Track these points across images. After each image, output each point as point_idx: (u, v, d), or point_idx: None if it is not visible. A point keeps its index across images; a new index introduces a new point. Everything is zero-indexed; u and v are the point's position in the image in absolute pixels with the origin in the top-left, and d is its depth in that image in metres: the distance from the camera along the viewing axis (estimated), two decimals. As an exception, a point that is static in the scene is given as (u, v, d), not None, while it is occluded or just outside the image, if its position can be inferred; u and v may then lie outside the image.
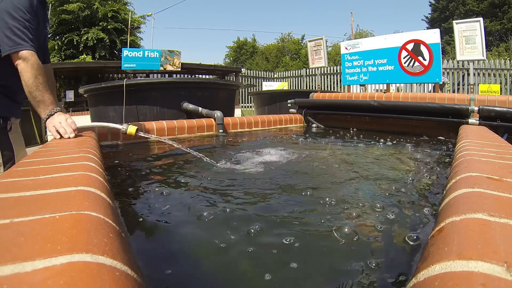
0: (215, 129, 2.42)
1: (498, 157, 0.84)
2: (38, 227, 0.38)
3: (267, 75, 13.30)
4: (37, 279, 0.28)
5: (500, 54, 16.38)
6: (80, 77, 10.56)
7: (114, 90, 2.98)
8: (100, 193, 0.55)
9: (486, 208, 0.43)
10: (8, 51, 1.19)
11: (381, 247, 0.63)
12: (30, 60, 1.20)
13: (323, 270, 0.56)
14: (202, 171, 1.24)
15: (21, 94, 1.37)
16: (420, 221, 0.75)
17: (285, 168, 1.31)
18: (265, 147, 1.75)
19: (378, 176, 1.19)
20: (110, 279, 0.30)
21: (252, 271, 0.56)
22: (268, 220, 0.76)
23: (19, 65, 1.20)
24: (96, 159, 0.85)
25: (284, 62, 23.29)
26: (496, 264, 0.30)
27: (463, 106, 2.13)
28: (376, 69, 3.87)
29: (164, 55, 6.62)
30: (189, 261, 0.60)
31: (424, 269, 0.35)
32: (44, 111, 1.24)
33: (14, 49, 1.19)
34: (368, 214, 0.80)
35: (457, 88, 9.60)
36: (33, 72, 1.19)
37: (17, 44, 1.19)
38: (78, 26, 11.87)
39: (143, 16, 14.01)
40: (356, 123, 2.87)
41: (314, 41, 5.59)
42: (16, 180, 0.60)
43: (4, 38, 1.19)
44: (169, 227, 0.75)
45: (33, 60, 1.21)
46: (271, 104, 5.82)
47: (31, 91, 1.21)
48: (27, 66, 1.19)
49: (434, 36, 3.38)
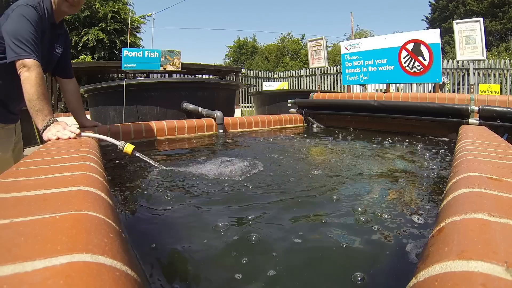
0: (215, 129, 2.42)
1: (498, 157, 0.84)
2: (38, 227, 0.38)
3: (267, 75, 13.29)
4: (37, 279, 0.28)
5: (500, 54, 16.38)
6: (80, 77, 10.55)
7: (114, 90, 2.98)
8: (100, 193, 0.55)
9: (486, 208, 0.43)
10: (14, 58, 1.22)
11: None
12: (34, 70, 1.23)
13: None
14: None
15: (15, 104, 1.43)
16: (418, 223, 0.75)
17: (288, 166, 1.31)
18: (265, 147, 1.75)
19: (377, 174, 1.19)
20: (110, 279, 0.30)
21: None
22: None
23: (22, 73, 1.23)
24: (96, 159, 0.85)
25: (284, 62, 23.28)
26: (496, 264, 0.30)
27: (463, 106, 2.13)
28: (376, 69, 3.87)
29: (164, 55, 6.62)
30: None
31: (424, 269, 0.35)
32: (42, 121, 1.25)
33: (19, 57, 1.22)
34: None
35: (457, 88, 9.59)
36: (36, 81, 1.22)
37: (23, 53, 1.22)
38: (77, 27, 11.85)
39: (143, 16, 13.99)
40: (356, 123, 2.87)
41: (314, 41, 5.59)
42: (16, 180, 0.60)
43: (12, 45, 1.22)
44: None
45: (37, 70, 1.24)
46: (271, 104, 5.81)
47: (31, 100, 1.23)
48: (30, 75, 1.22)
49: (434, 36, 3.38)
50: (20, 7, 1.27)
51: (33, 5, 1.29)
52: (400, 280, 0.51)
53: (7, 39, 1.23)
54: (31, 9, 1.28)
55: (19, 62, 1.22)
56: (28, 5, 1.28)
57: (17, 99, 1.45)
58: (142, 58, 6.21)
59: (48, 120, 1.25)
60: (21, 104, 1.49)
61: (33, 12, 1.29)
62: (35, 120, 1.25)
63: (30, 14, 1.27)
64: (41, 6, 1.33)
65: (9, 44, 1.23)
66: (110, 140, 1.32)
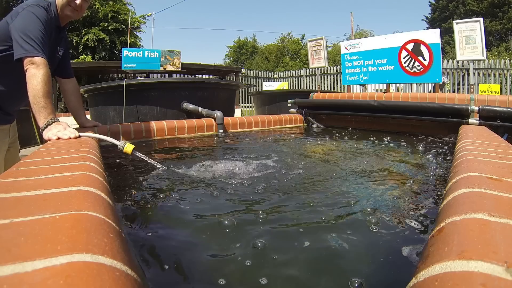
0: (215, 129, 2.42)
1: (498, 157, 0.84)
2: (38, 227, 0.38)
3: (267, 75, 13.28)
4: (37, 279, 0.28)
5: (500, 54, 16.37)
6: (80, 77, 10.53)
7: (114, 90, 2.98)
8: (100, 193, 0.55)
9: (486, 208, 0.43)
10: (23, 54, 1.22)
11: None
12: (42, 68, 1.24)
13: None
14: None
15: (11, 104, 1.44)
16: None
17: (291, 165, 1.32)
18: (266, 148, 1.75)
19: (379, 174, 1.19)
20: (110, 279, 0.30)
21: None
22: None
23: (29, 70, 1.23)
24: (96, 159, 0.85)
25: (284, 62, 23.26)
26: (496, 264, 0.30)
27: (463, 106, 2.13)
28: (376, 69, 3.86)
29: (164, 55, 6.61)
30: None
31: (424, 269, 0.35)
32: (45, 118, 1.25)
33: (28, 54, 1.22)
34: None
35: (457, 88, 9.59)
36: (43, 78, 1.23)
37: (32, 50, 1.23)
38: (78, 27, 11.84)
39: (143, 16, 13.98)
40: (356, 123, 2.87)
41: (314, 41, 5.58)
42: (16, 180, 0.60)
43: (20, 41, 1.23)
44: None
45: (45, 69, 1.25)
46: (271, 104, 5.81)
47: (37, 96, 1.23)
48: (38, 72, 1.22)
49: (434, 36, 3.38)
50: (31, 6, 1.29)
51: (44, 6, 1.32)
52: (400, 280, 0.51)
53: (16, 35, 1.24)
54: (42, 9, 1.31)
55: (28, 59, 1.22)
56: (40, 5, 1.31)
57: (15, 100, 1.45)
58: (142, 58, 6.21)
59: (50, 119, 1.25)
60: (18, 105, 1.50)
61: (44, 12, 1.31)
62: (37, 117, 1.25)
63: (41, 14, 1.29)
64: (50, 9, 1.36)
65: (17, 40, 1.23)
66: (110, 140, 1.32)
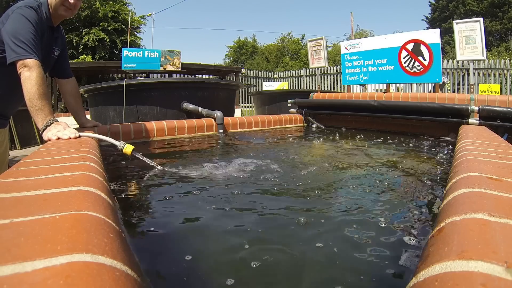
0: (215, 129, 2.42)
1: (498, 157, 0.84)
2: (38, 227, 0.38)
3: (267, 75, 13.28)
4: (37, 279, 0.28)
5: (500, 54, 16.37)
6: (80, 77, 10.54)
7: (114, 90, 2.98)
8: (100, 193, 0.55)
9: (486, 208, 0.43)
10: (14, 58, 1.22)
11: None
12: (35, 69, 1.23)
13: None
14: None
15: (9, 107, 1.43)
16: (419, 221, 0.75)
17: (291, 164, 1.32)
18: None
19: (381, 175, 1.19)
20: (110, 279, 0.30)
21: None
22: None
23: (23, 73, 1.23)
24: (96, 159, 0.85)
25: (284, 62, 23.26)
26: (496, 264, 0.30)
27: (463, 106, 2.13)
28: (376, 69, 3.87)
29: (164, 55, 6.62)
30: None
31: (424, 269, 0.35)
32: (43, 120, 1.25)
33: (20, 57, 1.22)
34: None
35: (457, 88, 9.59)
36: (37, 80, 1.22)
37: (24, 53, 1.23)
38: (78, 27, 11.84)
39: (143, 16, 13.98)
40: (356, 123, 2.87)
41: (314, 41, 5.58)
42: (16, 180, 0.60)
43: (12, 45, 1.23)
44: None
45: (38, 70, 1.24)
46: (271, 104, 5.81)
47: (32, 99, 1.23)
48: (31, 74, 1.22)
49: (434, 36, 3.38)
50: (20, 8, 1.28)
51: (33, 7, 1.31)
52: (398, 282, 0.51)
53: (7, 39, 1.23)
54: (31, 11, 1.30)
55: (20, 62, 1.22)
56: (29, 6, 1.30)
57: (12, 103, 1.45)
58: (142, 58, 6.22)
59: (49, 120, 1.25)
60: (14, 108, 1.50)
61: (34, 13, 1.30)
62: (36, 120, 1.25)
63: (31, 15, 1.28)
64: (40, 9, 1.35)
65: (9, 44, 1.23)
66: (110, 141, 1.32)
